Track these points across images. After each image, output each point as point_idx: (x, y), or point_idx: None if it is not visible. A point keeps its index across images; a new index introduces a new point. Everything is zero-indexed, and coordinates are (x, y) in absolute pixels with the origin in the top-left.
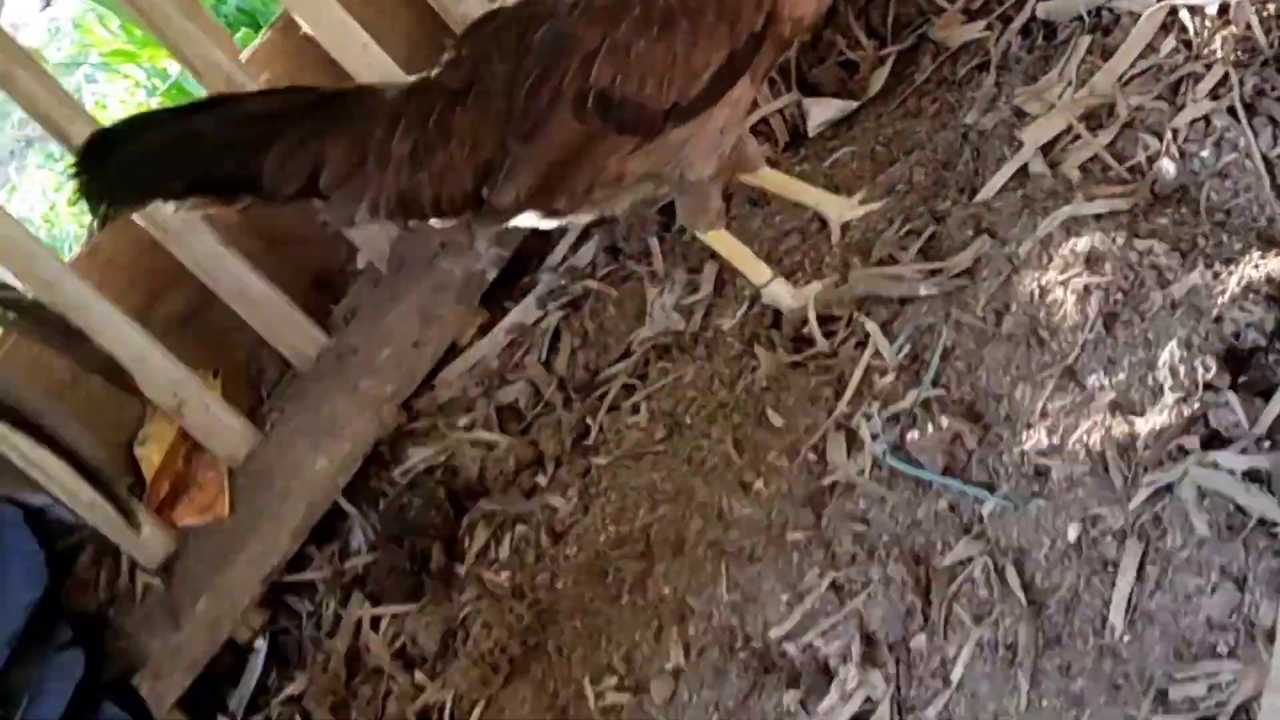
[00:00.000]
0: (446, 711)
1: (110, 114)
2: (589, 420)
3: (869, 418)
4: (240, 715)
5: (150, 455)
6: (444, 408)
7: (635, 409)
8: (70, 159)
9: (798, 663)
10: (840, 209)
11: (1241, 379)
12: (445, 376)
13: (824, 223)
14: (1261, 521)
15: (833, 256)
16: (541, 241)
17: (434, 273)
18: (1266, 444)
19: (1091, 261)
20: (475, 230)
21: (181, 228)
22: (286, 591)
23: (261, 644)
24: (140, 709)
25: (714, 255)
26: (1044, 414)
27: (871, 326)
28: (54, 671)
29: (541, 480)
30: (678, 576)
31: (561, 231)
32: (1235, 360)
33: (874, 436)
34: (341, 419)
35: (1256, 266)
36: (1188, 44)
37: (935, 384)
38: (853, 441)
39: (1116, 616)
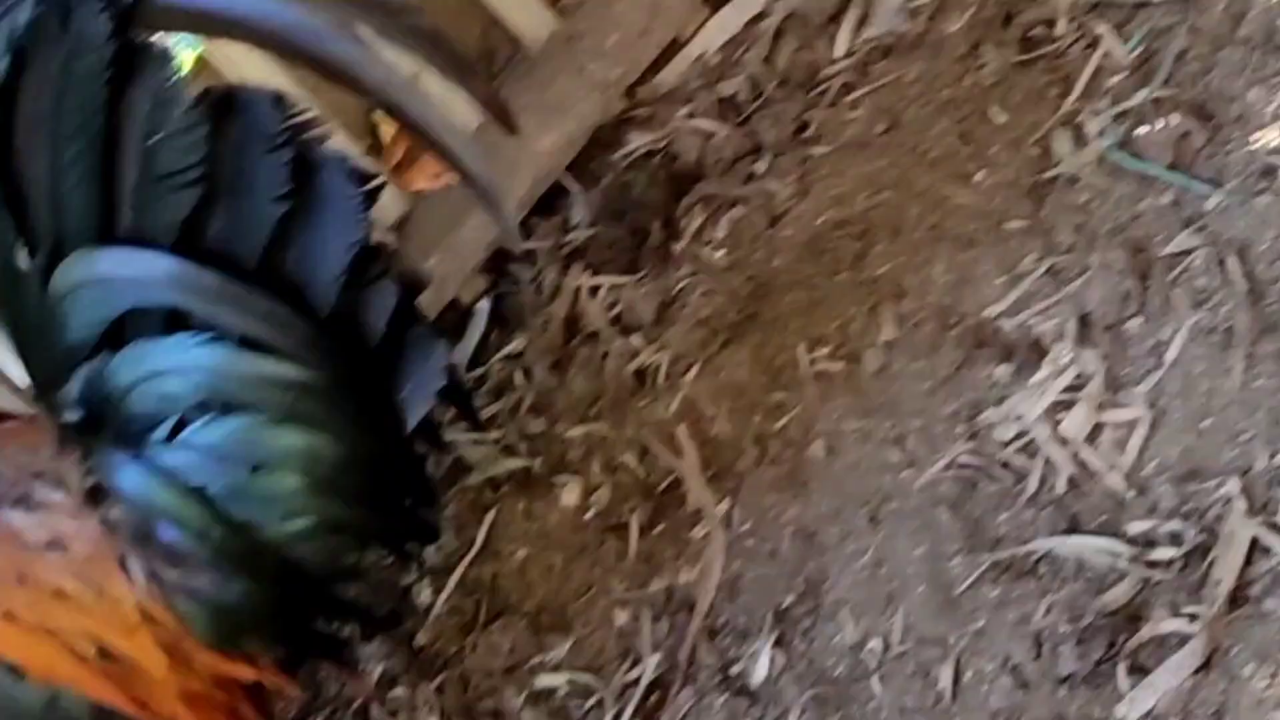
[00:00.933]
0: (662, 371)
1: None
2: (809, 114)
3: (1096, 114)
4: (462, 368)
5: (387, 122)
6: (664, 97)
7: (856, 105)
8: None
9: (1012, 339)
10: None
11: None
12: (668, 68)
13: None
14: None
15: None
16: None
17: None
18: None
19: None
20: None
21: None
22: (509, 260)
23: (484, 305)
24: None
25: None
26: (1276, 116)
27: (1104, 28)
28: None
29: (760, 167)
30: (895, 257)
31: None
32: None
33: (1100, 132)
34: (567, 99)
35: None
36: None
37: (1167, 84)
38: (1078, 137)
39: None
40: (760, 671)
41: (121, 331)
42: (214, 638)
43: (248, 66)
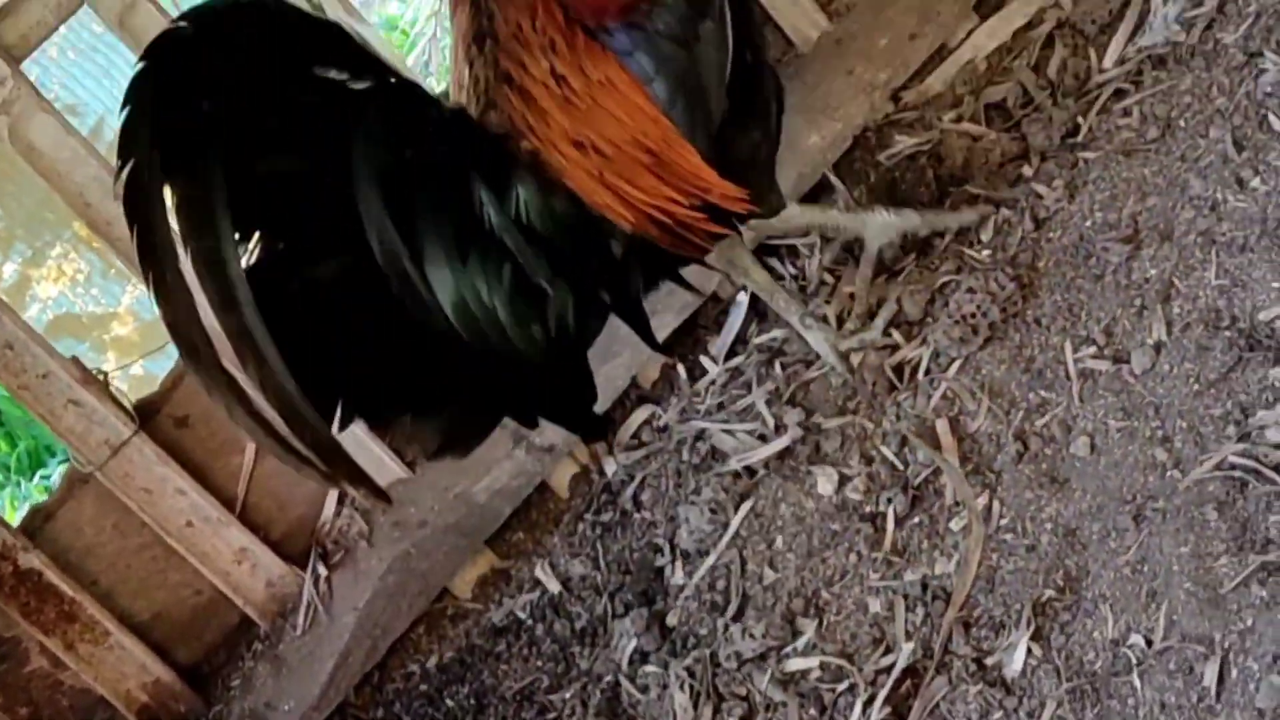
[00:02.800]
0: (923, 366)
1: None
2: (1079, 119)
3: None
4: (720, 359)
5: None
6: (931, 101)
7: (1127, 111)
8: None
9: None
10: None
11: None
12: (935, 73)
13: None
14: None
15: None
16: None
17: None
18: None
19: None
20: None
21: None
22: (769, 253)
23: (743, 297)
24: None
25: None
26: None
27: None
28: None
29: (1027, 171)
30: (1165, 261)
31: None
32: None
33: None
34: (835, 99)
35: None
36: None
37: None
38: None
39: None
40: (1016, 664)
41: None
42: None
43: None
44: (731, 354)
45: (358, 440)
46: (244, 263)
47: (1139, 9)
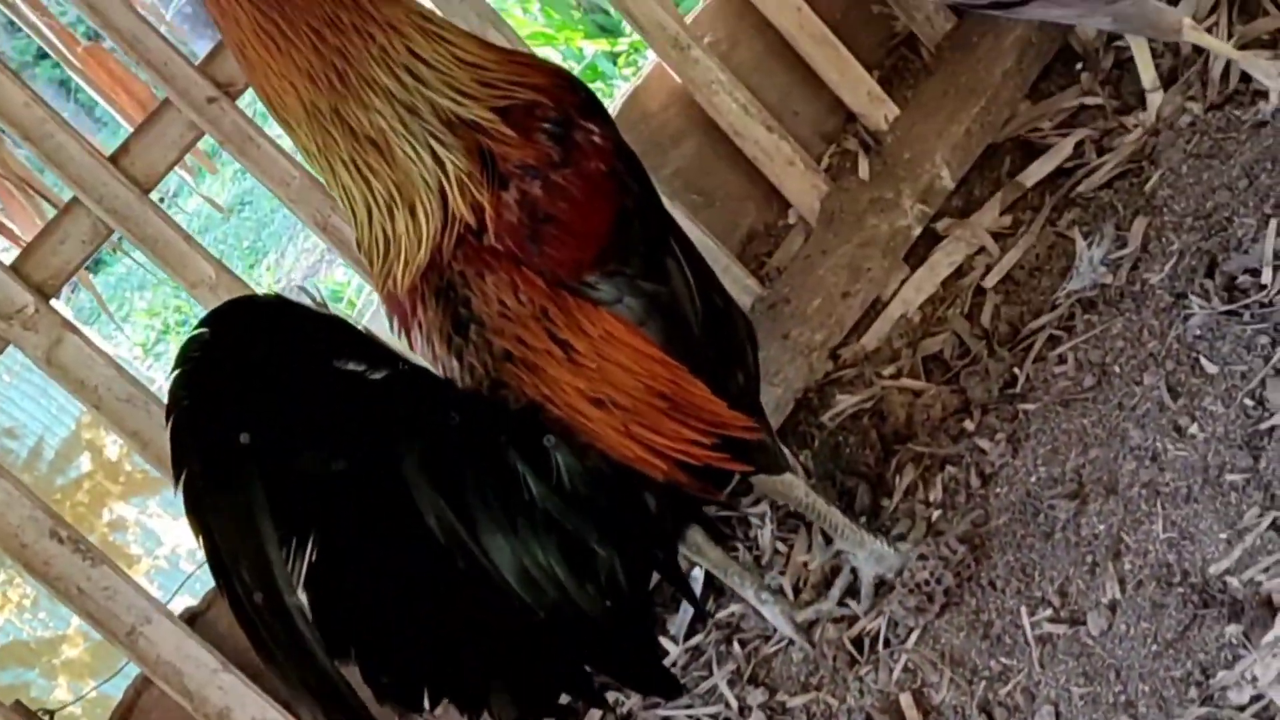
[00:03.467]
0: (882, 637)
1: None
2: (1015, 370)
3: None
4: (680, 638)
5: None
6: (869, 357)
7: (1062, 359)
8: None
9: (1239, 597)
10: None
11: None
12: (871, 329)
13: None
14: None
15: None
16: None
17: (862, 228)
18: None
19: None
20: None
21: None
22: (720, 523)
23: (698, 573)
24: None
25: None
26: None
27: None
28: None
29: (969, 425)
30: (1111, 515)
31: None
32: None
33: None
34: (773, 365)
35: None
36: None
37: None
38: None
39: None
40: None
41: None
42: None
43: None
44: (691, 632)
45: None
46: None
47: (1065, 251)
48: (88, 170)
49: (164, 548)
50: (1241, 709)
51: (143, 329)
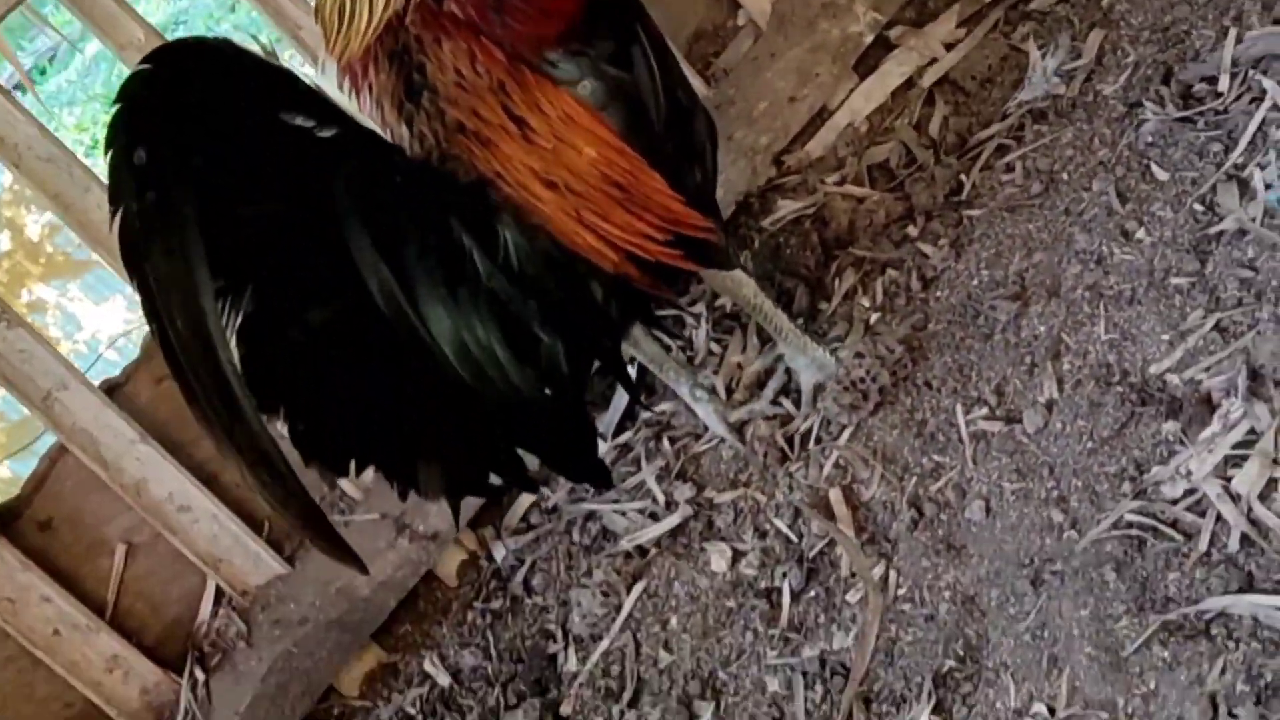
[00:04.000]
0: (814, 435)
1: None
2: (962, 177)
3: (1263, 167)
4: (609, 435)
5: None
6: (814, 164)
7: (1010, 167)
8: None
9: (1179, 395)
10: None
11: None
12: (817, 136)
13: None
14: None
15: None
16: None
17: (813, 33)
18: None
19: None
20: None
21: None
22: (655, 324)
23: (633, 369)
24: None
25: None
26: None
27: (1269, 83)
28: None
29: (912, 231)
30: (1053, 317)
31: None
32: None
33: (1268, 186)
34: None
35: None
36: None
37: None
38: (1245, 190)
39: None
40: None
41: None
42: None
43: None
44: (620, 430)
45: (234, 535)
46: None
47: (1018, 64)
48: None
49: (84, 332)
50: (1174, 502)
51: (72, 143)
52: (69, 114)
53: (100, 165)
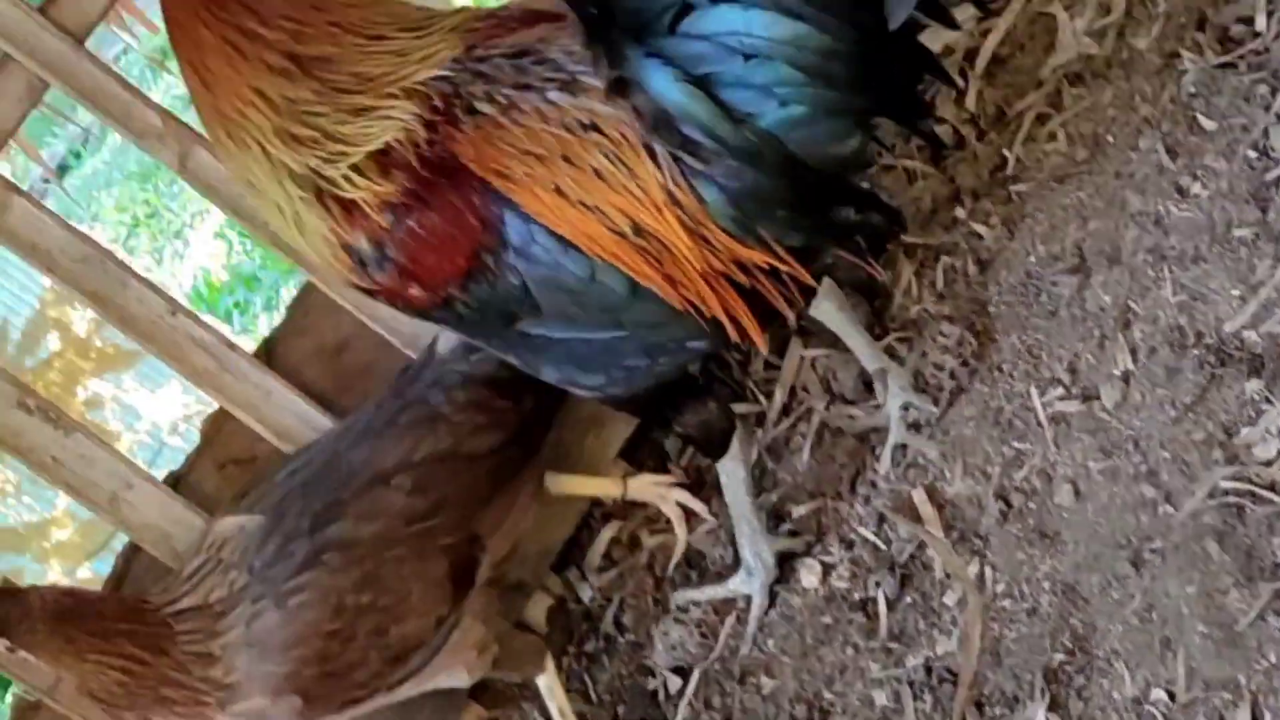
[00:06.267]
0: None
1: None
2: (1005, 151)
3: None
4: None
5: None
6: None
7: (1052, 135)
8: None
9: (1258, 351)
10: None
11: None
12: None
13: None
14: None
15: None
16: None
17: None
18: None
19: None
20: None
21: None
22: None
23: None
24: None
25: None
26: None
27: None
28: None
29: (961, 213)
30: (1117, 286)
31: None
32: None
33: None
34: None
35: None
36: None
37: None
38: None
39: None
40: None
41: None
42: (732, 223)
43: None
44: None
45: None
46: None
47: (1047, 28)
48: (15, 23)
49: (144, 422)
50: (1269, 464)
51: (114, 226)
52: (108, 195)
53: (134, 258)
